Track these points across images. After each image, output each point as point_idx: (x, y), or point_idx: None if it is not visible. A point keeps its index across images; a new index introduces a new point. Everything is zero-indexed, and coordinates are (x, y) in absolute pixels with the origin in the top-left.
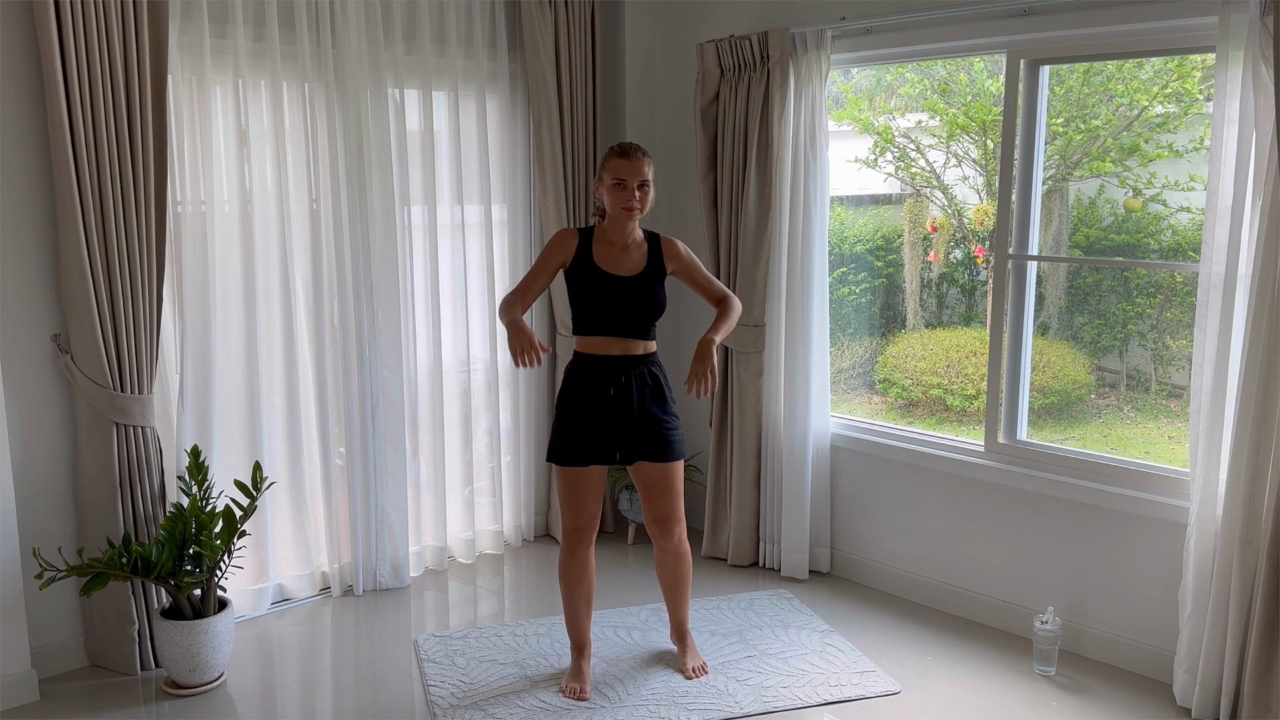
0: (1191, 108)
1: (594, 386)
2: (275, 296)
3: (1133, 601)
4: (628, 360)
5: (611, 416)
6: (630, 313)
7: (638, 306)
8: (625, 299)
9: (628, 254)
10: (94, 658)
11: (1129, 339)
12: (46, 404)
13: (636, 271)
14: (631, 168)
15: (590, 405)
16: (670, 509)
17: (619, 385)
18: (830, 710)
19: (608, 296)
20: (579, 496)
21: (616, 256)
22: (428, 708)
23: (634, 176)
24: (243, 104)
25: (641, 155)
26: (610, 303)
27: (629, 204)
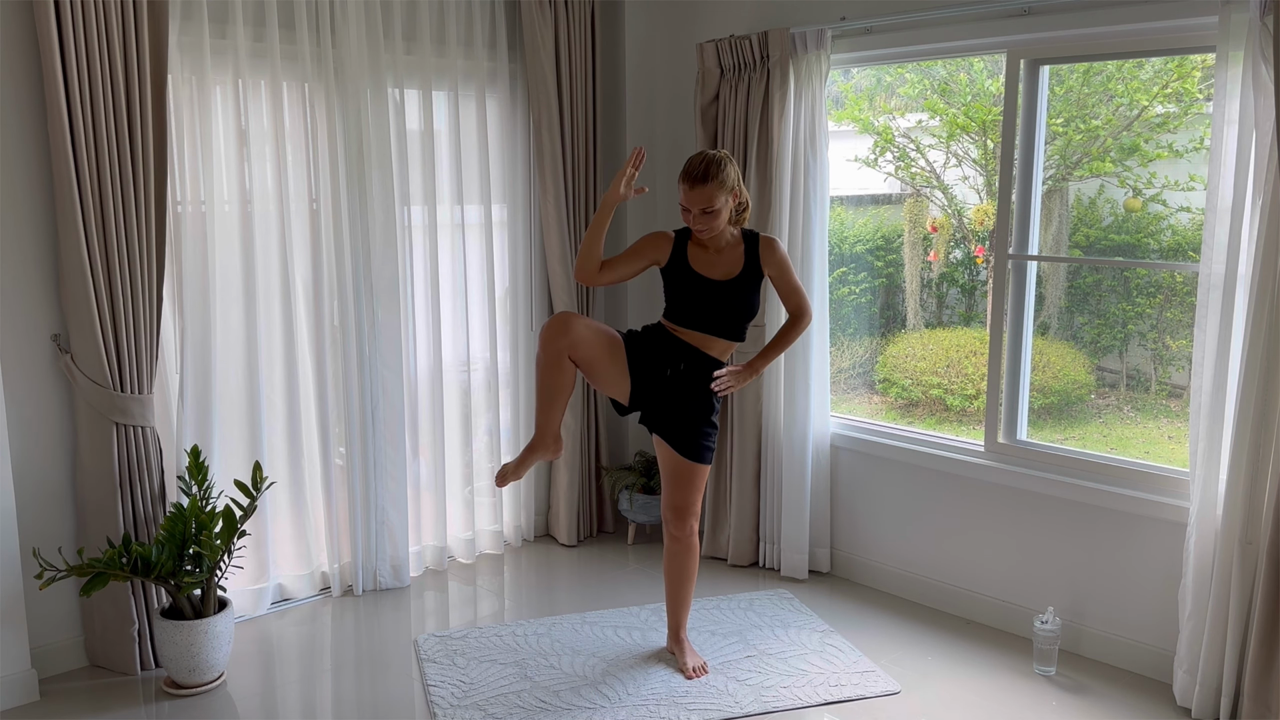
0: (1191, 108)
1: (661, 356)
2: (275, 296)
3: (1133, 601)
4: (701, 354)
5: (664, 387)
6: (723, 315)
7: (731, 310)
8: (718, 302)
9: (722, 256)
10: (94, 658)
11: (1129, 339)
12: (46, 404)
13: (731, 275)
14: (692, 195)
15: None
16: (687, 501)
17: (678, 370)
18: (830, 710)
19: (702, 298)
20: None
21: (710, 259)
22: (428, 708)
23: (695, 205)
24: (243, 104)
25: (704, 180)
26: (704, 305)
27: (695, 227)
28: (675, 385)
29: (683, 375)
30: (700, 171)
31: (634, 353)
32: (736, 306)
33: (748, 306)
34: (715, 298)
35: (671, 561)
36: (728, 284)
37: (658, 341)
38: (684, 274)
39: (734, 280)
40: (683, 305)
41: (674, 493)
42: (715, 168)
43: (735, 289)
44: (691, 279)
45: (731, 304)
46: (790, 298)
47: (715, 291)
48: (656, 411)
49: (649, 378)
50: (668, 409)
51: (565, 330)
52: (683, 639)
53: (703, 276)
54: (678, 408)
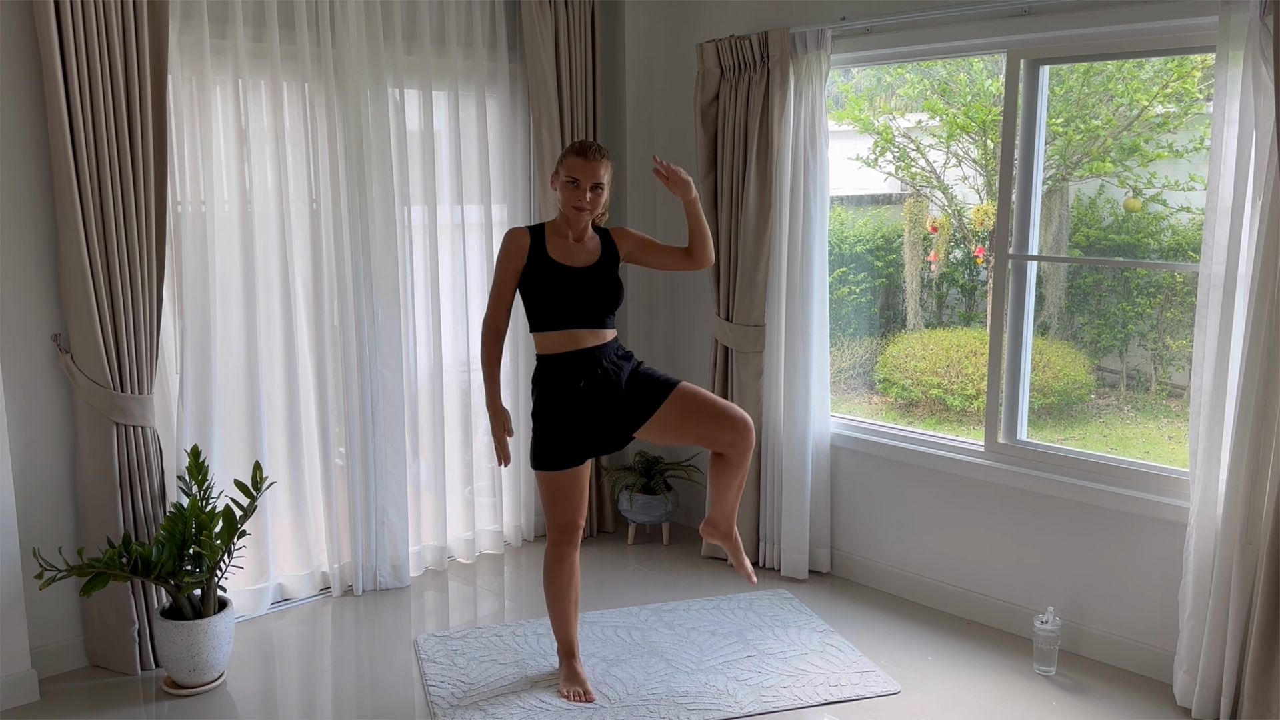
0: (1191, 108)
1: (568, 383)
2: (275, 296)
3: (1133, 601)
4: (596, 351)
5: (595, 406)
6: (591, 302)
7: (597, 295)
8: (584, 289)
9: (582, 245)
10: (94, 658)
11: (1129, 339)
12: (46, 404)
13: (592, 262)
14: (587, 168)
15: (570, 402)
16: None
17: (592, 376)
18: (830, 710)
19: (567, 288)
20: (570, 496)
21: (571, 249)
22: (428, 708)
23: (588, 178)
24: (243, 104)
25: (599, 156)
26: (570, 294)
27: (579, 203)
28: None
29: (598, 378)
30: (596, 147)
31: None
32: (605, 291)
33: (615, 290)
34: (582, 285)
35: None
36: (591, 269)
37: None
38: (547, 267)
39: (596, 265)
40: (551, 302)
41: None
42: (607, 151)
43: (599, 273)
44: (557, 270)
45: (599, 289)
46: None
47: (581, 279)
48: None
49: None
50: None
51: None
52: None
53: (567, 266)
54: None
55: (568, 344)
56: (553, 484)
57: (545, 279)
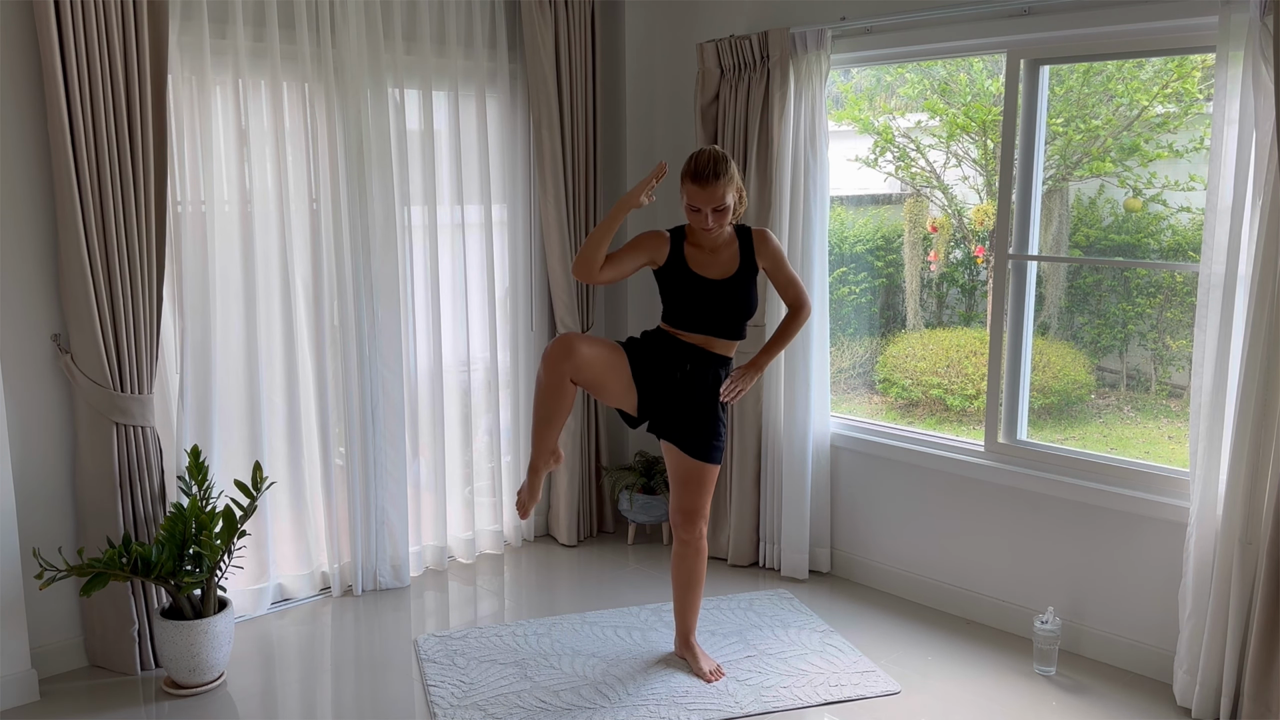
0: (1191, 108)
1: (667, 358)
2: (275, 296)
3: (1133, 601)
4: (705, 354)
5: (672, 392)
6: (724, 315)
7: (731, 309)
8: (718, 302)
9: (718, 254)
10: (94, 658)
11: (1129, 339)
12: (46, 404)
13: (728, 274)
14: (704, 194)
15: (660, 365)
16: (697, 505)
17: (685, 371)
18: (830, 710)
19: (700, 299)
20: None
21: (707, 259)
22: (428, 708)
23: (708, 203)
24: (243, 104)
25: (714, 178)
26: (703, 305)
27: (704, 226)
28: (683, 388)
29: (690, 376)
30: (710, 170)
31: (638, 363)
32: (736, 305)
33: (747, 304)
34: (715, 298)
35: (680, 565)
36: (725, 283)
37: (661, 347)
38: (682, 275)
39: (732, 279)
40: (682, 308)
41: (683, 496)
42: (723, 164)
43: (734, 287)
44: (690, 280)
45: (731, 303)
46: (788, 290)
47: (714, 291)
48: (665, 417)
49: (655, 385)
50: (676, 413)
51: (568, 354)
52: (693, 644)
53: (701, 277)
54: (686, 410)
55: (689, 338)
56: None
57: (680, 286)
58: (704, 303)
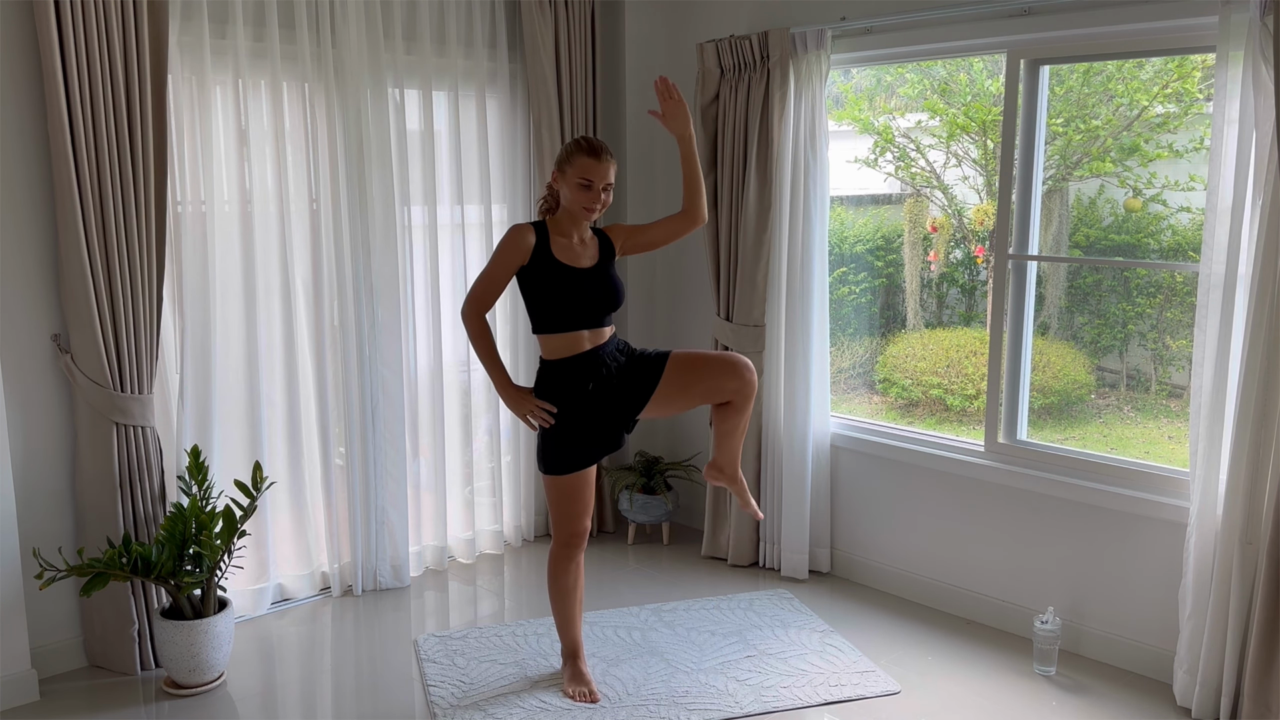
0: (1191, 108)
1: (576, 386)
2: (275, 296)
3: (1133, 601)
4: (600, 351)
5: (603, 405)
6: (597, 303)
7: (602, 296)
8: (590, 290)
9: (586, 246)
10: (93, 658)
11: (1129, 339)
12: (46, 404)
13: (595, 262)
14: (599, 169)
15: (579, 405)
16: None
17: (599, 378)
18: (830, 710)
19: (574, 290)
20: (579, 499)
21: (575, 249)
22: (428, 708)
23: (600, 178)
24: (243, 104)
25: (609, 157)
26: (577, 296)
27: (591, 205)
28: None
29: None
30: (604, 146)
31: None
32: (610, 290)
33: (617, 289)
34: (589, 285)
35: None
36: (595, 269)
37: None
38: (554, 269)
39: (599, 265)
40: (558, 304)
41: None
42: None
43: (603, 272)
44: (564, 272)
45: (604, 288)
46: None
47: (588, 279)
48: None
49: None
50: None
51: (578, 549)
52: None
53: (573, 268)
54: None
55: (574, 346)
56: (563, 488)
57: (552, 281)
58: (581, 292)
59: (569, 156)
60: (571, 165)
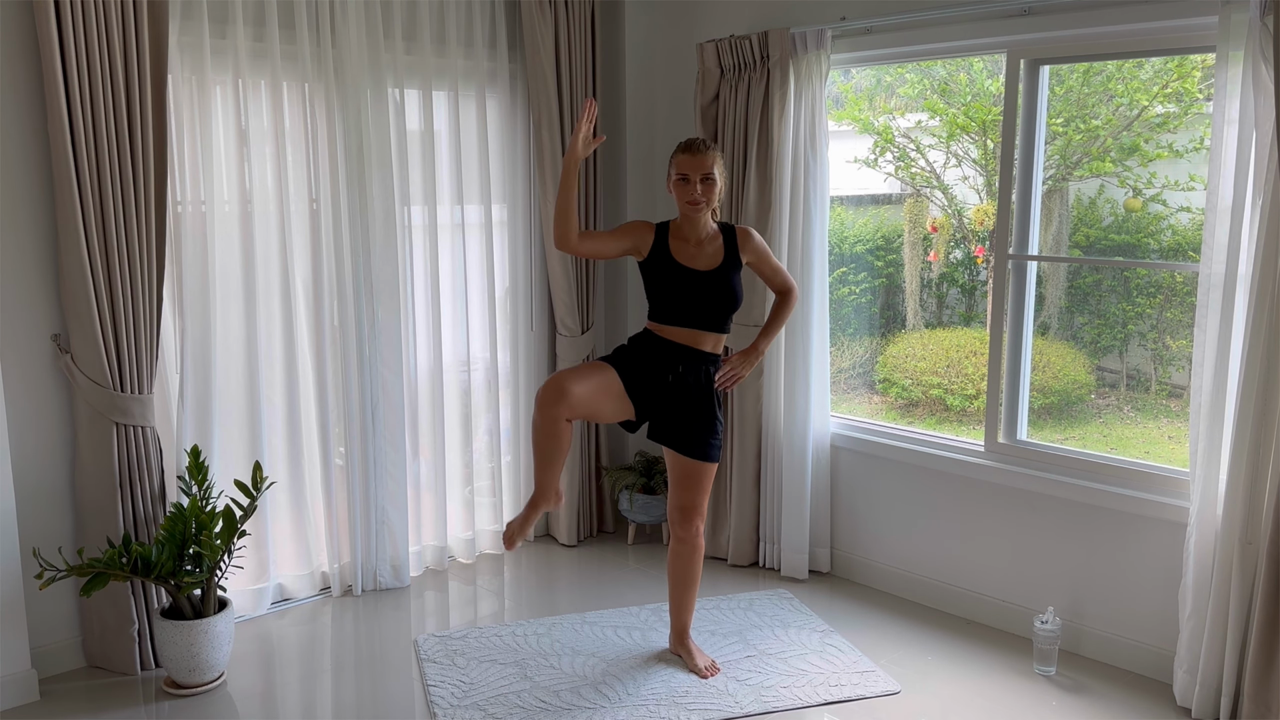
0: (1191, 108)
1: (657, 362)
2: (275, 296)
3: (1133, 601)
4: (694, 352)
5: (666, 396)
6: (709, 307)
7: (716, 300)
8: (704, 293)
9: (703, 248)
10: (92, 658)
11: (1129, 339)
12: (46, 404)
13: (714, 265)
14: (694, 162)
15: (650, 371)
16: (694, 501)
17: (677, 374)
18: (830, 710)
19: (686, 291)
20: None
21: (692, 251)
22: (428, 708)
23: (696, 170)
24: (243, 104)
25: (705, 149)
26: (689, 297)
27: (693, 198)
28: (676, 390)
29: (682, 377)
30: (701, 141)
31: (629, 375)
32: (723, 297)
33: (733, 296)
34: (701, 289)
35: (677, 563)
36: (712, 274)
37: (649, 350)
38: (668, 266)
39: (718, 270)
40: (669, 300)
41: (682, 493)
42: (712, 143)
43: (719, 278)
44: (676, 271)
45: (718, 294)
46: (774, 278)
47: (701, 282)
48: (662, 421)
49: (649, 392)
50: (673, 415)
51: (561, 396)
52: (689, 641)
53: (687, 268)
54: (682, 411)
55: (676, 336)
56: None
57: (666, 278)
58: (690, 294)
59: (671, 159)
60: (672, 165)
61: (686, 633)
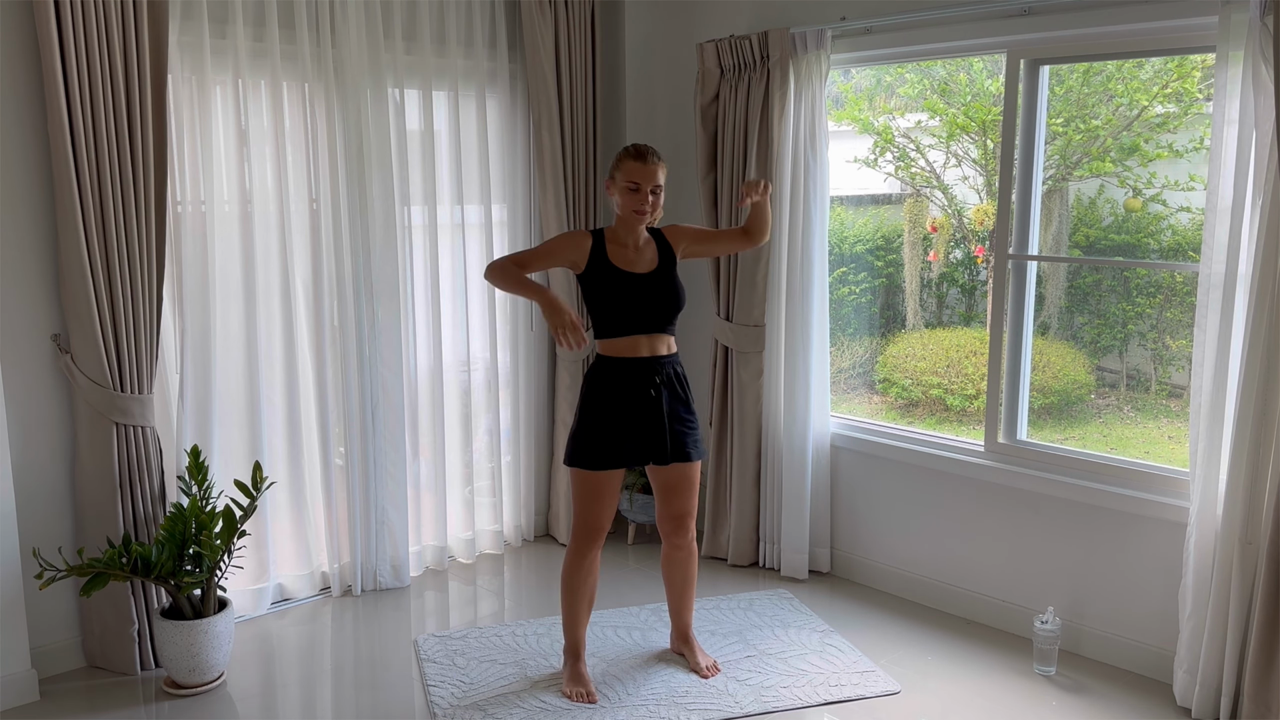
0: (1191, 108)
1: (631, 389)
2: (275, 296)
3: (1133, 601)
4: (659, 361)
5: (647, 419)
6: (655, 308)
7: (664, 300)
8: (651, 295)
9: (641, 252)
10: (92, 658)
11: (1129, 339)
12: (46, 404)
13: (654, 267)
14: (646, 171)
15: (625, 408)
16: (689, 507)
17: (656, 386)
18: (830, 710)
19: (631, 294)
20: (602, 500)
21: (632, 256)
22: (428, 708)
23: (648, 181)
24: (243, 104)
25: (656, 159)
26: (634, 300)
27: (641, 208)
28: (658, 404)
29: (660, 388)
30: (652, 151)
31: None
32: (669, 296)
33: (679, 293)
34: (648, 291)
35: (675, 569)
36: (654, 275)
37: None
38: (610, 274)
39: (658, 271)
40: (617, 309)
41: (675, 502)
42: (658, 152)
43: (663, 278)
44: (620, 277)
45: (664, 294)
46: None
47: (646, 285)
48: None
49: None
50: (657, 432)
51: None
52: (691, 639)
53: (630, 273)
54: (669, 420)
55: (632, 350)
56: (590, 483)
57: (608, 285)
58: (639, 298)
59: (617, 164)
60: (620, 171)
61: (689, 631)
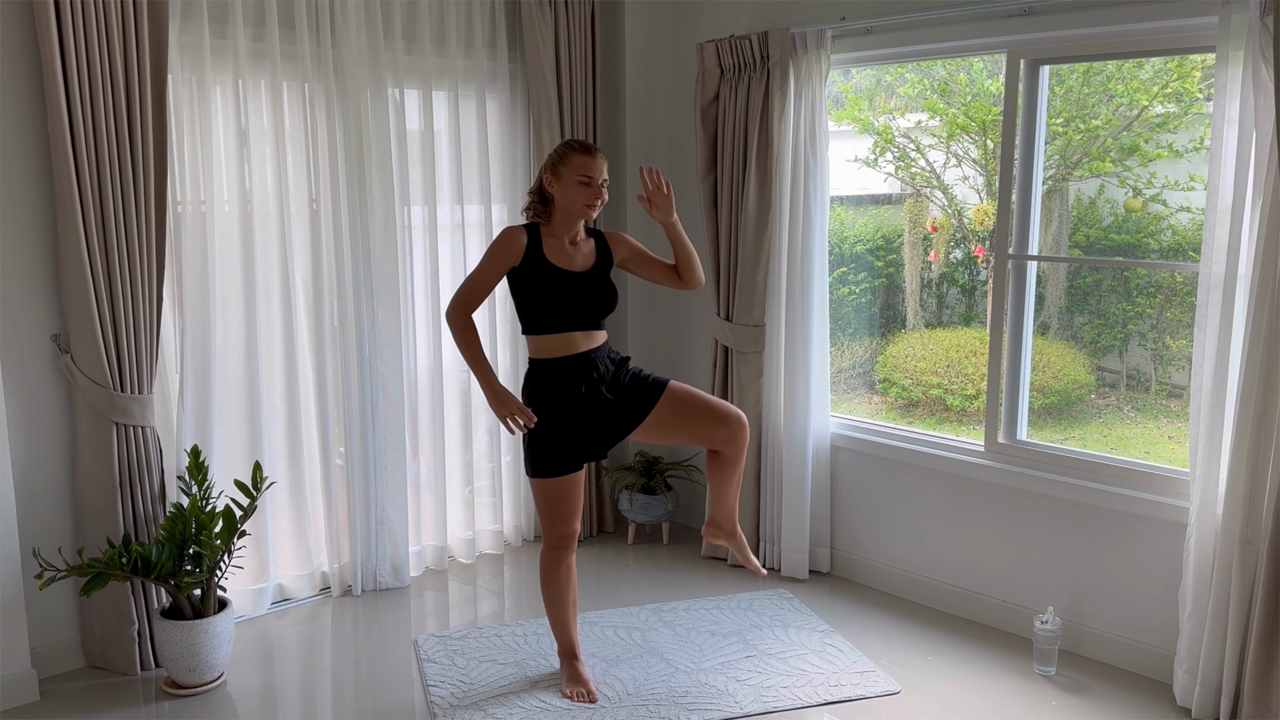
0: (1191, 108)
1: (570, 388)
2: (275, 296)
3: (1133, 601)
4: (592, 355)
5: (592, 411)
6: (591, 306)
7: (597, 299)
8: (585, 293)
9: (578, 249)
10: (92, 659)
11: (1129, 339)
12: (46, 404)
13: (589, 266)
14: (596, 165)
15: (567, 408)
16: (710, 406)
17: (591, 381)
18: (830, 710)
19: (565, 292)
20: (567, 502)
21: (569, 252)
22: (428, 708)
23: (599, 174)
24: (243, 104)
25: (601, 153)
26: (572, 299)
27: (593, 201)
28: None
29: (595, 382)
30: (596, 145)
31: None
32: (603, 295)
33: (612, 294)
34: (582, 289)
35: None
36: (589, 274)
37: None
38: (545, 270)
39: (593, 270)
40: (552, 305)
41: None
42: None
43: (597, 278)
44: (555, 274)
45: (598, 293)
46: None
47: (580, 283)
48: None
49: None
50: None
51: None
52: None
53: (566, 270)
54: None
55: (565, 347)
56: (551, 491)
57: (543, 282)
58: (571, 295)
59: (563, 157)
60: (567, 165)
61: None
